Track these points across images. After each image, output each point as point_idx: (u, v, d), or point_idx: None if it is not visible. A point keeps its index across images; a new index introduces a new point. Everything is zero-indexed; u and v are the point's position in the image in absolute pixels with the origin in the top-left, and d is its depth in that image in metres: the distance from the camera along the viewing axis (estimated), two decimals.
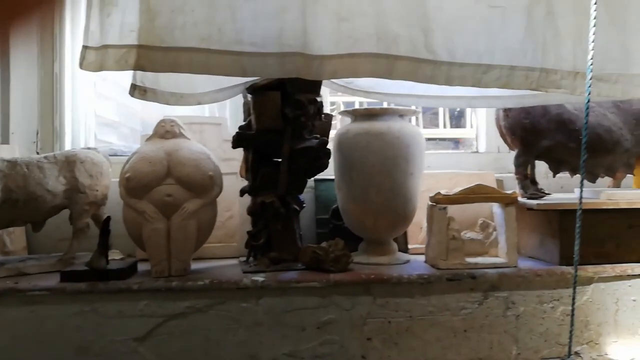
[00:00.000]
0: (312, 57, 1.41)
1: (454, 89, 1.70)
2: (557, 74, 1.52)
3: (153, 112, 2.36)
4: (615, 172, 1.88)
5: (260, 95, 1.63)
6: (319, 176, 2.09)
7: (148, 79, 1.55)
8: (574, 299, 1.40)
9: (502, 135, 1.88)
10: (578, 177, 1.93)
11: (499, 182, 2.15)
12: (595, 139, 1.77)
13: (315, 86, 1.66)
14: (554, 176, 1.90)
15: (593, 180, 1.88)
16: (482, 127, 2.45)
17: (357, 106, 2.81)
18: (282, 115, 1.65)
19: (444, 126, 3.08)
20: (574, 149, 1.78)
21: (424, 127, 3.12)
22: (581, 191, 1.34)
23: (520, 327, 1.64)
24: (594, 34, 1.31)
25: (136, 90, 1.54)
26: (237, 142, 1.67)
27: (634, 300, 1.67)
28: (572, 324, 1.43)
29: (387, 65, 1.43)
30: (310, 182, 2.15)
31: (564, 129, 1.77)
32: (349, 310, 1.58)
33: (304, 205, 1.78)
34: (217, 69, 1.40)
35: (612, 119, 1.81)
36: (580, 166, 1.32)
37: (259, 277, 1.55)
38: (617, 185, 2.02)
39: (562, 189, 2.19)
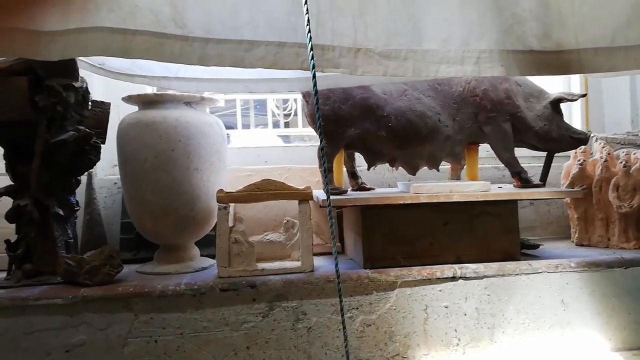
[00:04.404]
0: (40, 34, 1.20)
1: (230, 70, 1.50)
2: (335, 50, 1.31)
3: None
4: (438, 163, 1.68)
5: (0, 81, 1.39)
6: None
7: None
8: (342, 310, 1.19)
9: (310, 125, 1.67)
10: (426, 169, 1.75)
11: None
12: (407, 125, 1.57)
13: (70, 69, 1.44)
14: (368, 169, 1.70)
15: (413, 172, 1.68)
16: None
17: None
18: (33, 105, 1.41)
19: None
20: (385, 137, 1.58)
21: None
22: (326, 184, 1.13)
23: (312, 341, 1.42)
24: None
25: None
26: None
27: (446, 307, 1.47)
28: (345, 338, 1.22)
29: (123, 41, 1.21)
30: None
31: (371, 115, 1.56)
32: (104, 329, 1.35)
33: (77, 208, 1.55)
34: None
35: (428, 103, 1.61)
36: (321, 157, 1.11)
37: None
38: (455, 176, 1.83)
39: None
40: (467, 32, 1.35)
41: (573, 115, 2.29)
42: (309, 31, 1.09)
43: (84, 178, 1.80)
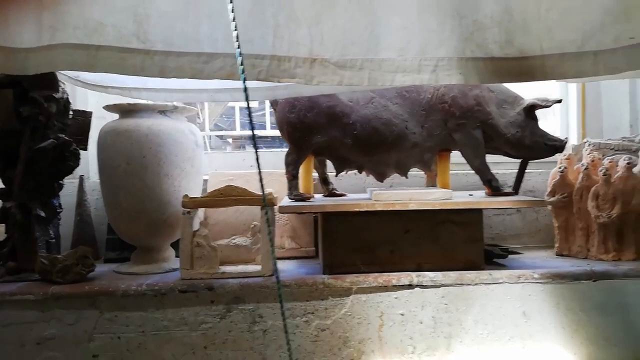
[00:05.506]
0: (16, 51, 1.31)
1: (197, 81, 1.56)
2: (291, 61, 1.34)
3: None
4: (407, 170, 1.68)
5: None
6: None
7: None
8: (283, 314, 1.22)
9: (280, 132, 1.71)
10: (407, 176, 1.76)
11: None
12: (372, 133, 1.58)
13: (51, 81, 1.55)
14: (336, 175, 1.72)
15: (381, 179, 1.69)
16: None
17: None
18: (18, 115, 1.54)
19: None
20: (351, 145, 1.60)
21: None
22: (263, 192, 1.16)
23: (268, 344, 1.47)
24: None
25: None
26: None
27: (402, 315, 1.47)
28: (287, 342, 1.25)
29: (87, 56, 1.30)
30: None
31: (337, 123, 1.58)
32: (72, 324, 1.45)
33: (60, 210, 1.66)
34: None
35: (395, 111, 1.61)
36: (258, 166, 1.15)
37: None
38: (432, 183, 1.82)
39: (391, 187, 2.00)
40: (425, 40, 1.34)
41: (570, 120, 2.21)
42: (238, 43, 1.12)
43: (75, 181, 1.93)
